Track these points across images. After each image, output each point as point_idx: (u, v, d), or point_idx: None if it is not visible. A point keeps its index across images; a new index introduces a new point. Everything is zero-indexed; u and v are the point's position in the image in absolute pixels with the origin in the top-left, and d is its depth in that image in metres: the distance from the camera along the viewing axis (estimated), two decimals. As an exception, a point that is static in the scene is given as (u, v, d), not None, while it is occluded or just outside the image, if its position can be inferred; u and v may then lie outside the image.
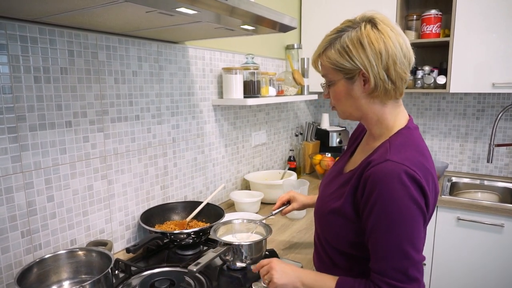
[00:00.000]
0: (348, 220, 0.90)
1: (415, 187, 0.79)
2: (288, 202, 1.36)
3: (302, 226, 1.61)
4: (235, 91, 1.69)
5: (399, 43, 0.86)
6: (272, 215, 1.33)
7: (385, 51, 0.84)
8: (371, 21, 0.88)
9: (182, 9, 0.88)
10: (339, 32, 0.89)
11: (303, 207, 1.35)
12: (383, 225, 0.81)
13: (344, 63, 0.87)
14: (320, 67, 0.95)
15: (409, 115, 0.96)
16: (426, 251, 2.06)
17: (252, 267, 1.09)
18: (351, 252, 0.94)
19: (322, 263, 1.05)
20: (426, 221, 0.85)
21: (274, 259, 1.01)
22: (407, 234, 0.80)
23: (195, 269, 1.00)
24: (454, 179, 2.37)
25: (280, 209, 1.34)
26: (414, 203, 0.79)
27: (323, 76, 0.96)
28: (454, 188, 2.34)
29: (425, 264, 1.01)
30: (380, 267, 0.82)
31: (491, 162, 2.20)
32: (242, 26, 1.14)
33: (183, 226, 1.42)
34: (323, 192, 1.05)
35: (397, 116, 0.93)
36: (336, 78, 0.91)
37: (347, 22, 0.91)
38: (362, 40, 0.85)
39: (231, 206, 1.85)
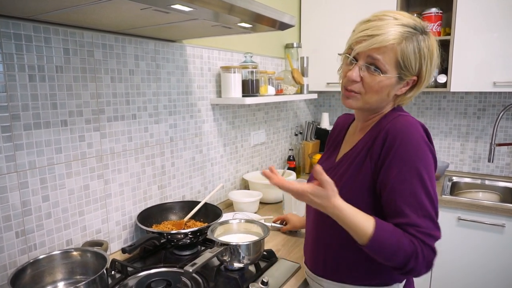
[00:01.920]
0: (368, 192, 0.88)
1: (428, 138, 0.85)
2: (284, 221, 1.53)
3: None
4: (234, 90, 1.67)
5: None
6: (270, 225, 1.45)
7: (435, 67, 0.90)
8: (430, 34, 0.89)
9: (178, 6, 0.86)
10: (413, 29, 0.86)
11: (293, 228, 1.51)
12: (407, 171, 0.81)
13: (412, 65, 0.86)
14: (381, 51, 0.86)
15: None
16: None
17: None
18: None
19: (319, 263, 1.04)
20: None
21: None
22: (430, 177, 0.82)
23: (191, 270, 0.99)
24: (455, 179, 2.35)
25: (279, 226, 1.53)
26: (430, 152, 0.84)
27: (373, 58, 0.87)
28: (455, 188, 2.32)
29: None
30: (408, 217, 0.80)
31: (492, 162, 2.19)
32: (239, 24, 1.12)
33: (180, 226, 1.41)
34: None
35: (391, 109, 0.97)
36: (391, 73, 0.87)
37: (413, 21, 0.88)
38: (432, 52, 0.88)
39: (230, 205, 1.84)
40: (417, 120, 0.87)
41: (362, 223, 0.81)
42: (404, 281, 0.97)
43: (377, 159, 0.86)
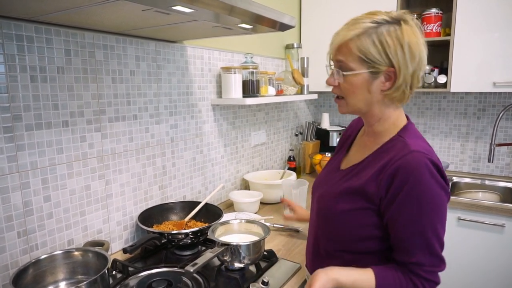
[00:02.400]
0: (370, 215, 0.88)
1: (440, 174, 0.83)
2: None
3: (300, 226, 1.60)
4: (234, 91, 1.68)
5: (425, 51, 0.87)
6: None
7: (419, 56, 0.85)
8: (407, 22, 0.85)
9: (178, 7, 0.87)
10: (376, 23, 0.84)
11: (298, 219, 1.44)
12: (417, 214, 0.82)
13: (377, 56, 0.84)
14: (341, 51, 0.88)
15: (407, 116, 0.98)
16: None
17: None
18: (359, 247, 0.91)
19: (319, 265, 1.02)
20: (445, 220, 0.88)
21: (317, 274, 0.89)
22: (441, 218, 0.84)
23: (192, 270, 0.99)
24: (455, 179, 2.36)
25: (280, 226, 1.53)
26: (442, 189, 0.83)
27: (338, 61, 0.89)
28: (455, 188, 2.33)
29: None
30: (418, 257, 0.83)
31: (492, 162, 2.19)
32: (240, 25, 1.13)
33: (181, 226, 1.41)
34: (319, 189, 1.03)
35: (399, 115, 0.94)
36: (359, 69, 0.86)
37: (383, 15, 0.86)
38: (401, 40, 0.83)
39: (230, 206, 1.84)
40: (428, 154, 0.83)
41: (364, 282, 0.86)
42: None
43: (385, 192, 0.85)
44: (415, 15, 2.24)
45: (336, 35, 0.90)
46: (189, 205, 1.52)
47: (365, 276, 0.87)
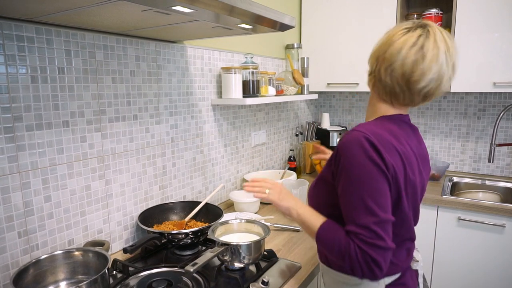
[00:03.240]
0: (328, 185, 0.96)
1: (373, 150, 0.85)
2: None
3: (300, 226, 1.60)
4: (234, 91, 1.68)
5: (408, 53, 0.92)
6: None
7: (388, 66, 0.93)
8: (427, 27, 0.94)
9: (178, 8, 0.87)
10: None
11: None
12: (348, 184, 0.87)
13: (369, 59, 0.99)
14: None
15: (407, 115, 1.00)
16: (427, 252, 2.05)
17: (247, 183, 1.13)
18: (331, 212, 0.96)
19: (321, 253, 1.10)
20: (390, 184, 0.87)
21: (279, 184, 1.08)
22: (369, 190, 0.84)
23: (192, 270, 0.99)
24: (455, 179, 2.36)
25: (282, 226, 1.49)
26: (371, 162, 0.84)
27: None
28: (455, 188, 2.33)
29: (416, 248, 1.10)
30: (350, 226, 0.86)
31: (493, 162, 2.19)
32: (240, 25, 1.13)
33: (181, 226, 1.41)
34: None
35: (385, 112, 0.98)
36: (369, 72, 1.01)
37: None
38: (379, 52, 0.96)
39: (231, 206, 1.85)
40: (365, 133, 0.87)
41: (312, 224, 0.95)
42: (387, 278, 0.96)
43: (335, 167, 0.92)
44: (415, 15, 2.26)
45: None
46: (189, 205, 1.52)
47: (314, 219, 0.96)
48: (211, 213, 1.47)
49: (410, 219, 0.95)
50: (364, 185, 0.84)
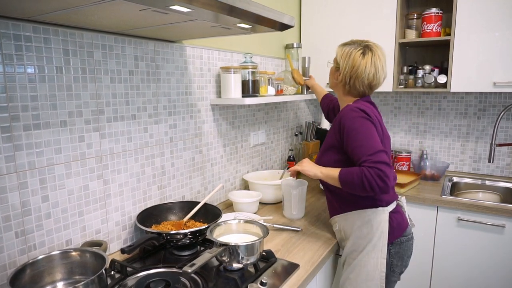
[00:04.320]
0: (336, 148, 1.35)
1: (362, 112, 1.27)
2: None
3: (299, 226, 1.60)
4: (233, 91, 1.68)
5: (369, 69, 1.35)
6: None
7: (360, 70, 1.35)
8: (369, 48, 1.36)
9: (176, 7, 0.87)
10: (351, 44, 1.40)
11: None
12: (355, 136, 1.25)
13: (338, 59, 1.41)
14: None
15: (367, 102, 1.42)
16: (427, 252, 2.05)
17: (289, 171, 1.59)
18: (341, 167, 1.30)
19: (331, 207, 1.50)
20: (377, 130, 1.27)
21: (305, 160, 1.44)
22: (369, 134, 1.23)
23: (189, 270, 0.99)
24: (455, 179, 2.35)
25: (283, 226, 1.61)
26: (364, 118, 1.26)
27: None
28: (455, 188, 2.32)
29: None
30: (362, 157, 1.21)
31: (493, 162, 2.19)
32: (239, 25, 1.13)
33: (180, 227, 1.41)
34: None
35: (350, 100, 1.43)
36: (335, 63, 1.46)
37: (359, 42, 1.40)
38: (350, 56, 1.37)
39: (230, 206, 1.84)
40: (356, 105, 1.31)
41: (333, 174, 1.30)
42: (389, 207, 1.37)
43: (339, 134, 1.31)
44: (415, 15, 2.25)
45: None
46: (188, 205, 1.51)
47: (334, 171, 1.30)
48: (210, 213, 1.46)
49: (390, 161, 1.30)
50: (366, 132, 1.24)
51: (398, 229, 1.38)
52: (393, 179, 1.33)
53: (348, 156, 1.30)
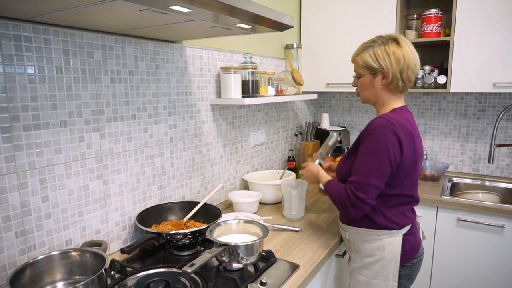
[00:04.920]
0: (352, 161, 1.29)
1: (394, 140, 1.19)
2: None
3: (299, 226, 1.60)
4: (233, 91, 1.68)
5: (411, 56, 1.25)
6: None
7: (404, 60, 1.24)
8: (396, 40, 1.26)
9: (176, 7, 0.87)
10: (373, 42, 1.28)
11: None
12: (364, 152, 1.22)
13: (373, 63, 1.26)
14: (354, 64, 1.34)
15: (405, 104, 1.34)
16: (426, 252, 2.05)
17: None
18: None
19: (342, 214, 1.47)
20: (393, 165, 1.21)
21: (309, 165, 1.53)
22: (373, 163, 1.20)
23: (189, 270, 0.99)
24: (455, 180, 2.35)
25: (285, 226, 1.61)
26: (386, 149, 1.18)
27: (355, 71, 1.34)
28: (455, 189, 2.32)
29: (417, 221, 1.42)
30: (351, 178, 1.24)
31: (492, 163, 2.18)
32: (239, 25, 1.13)
33: (180, 227, 1.41)
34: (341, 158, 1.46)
35: (396, 102, 1.31)
36: (364, 73, 1.30)
37: (380, 37, 1.29)
38: (387, 52, 1.24)
39: (229, 206, 1.84)
40: (392, 122, 1.19)
41: (322, 180, 1.42)
42: (403, 229, 1.30)
43: (358, 143, 1.28)
44: (415, 15, 2.26)
45: (352, 56, 1.35)
46: (188, 205, 1.51)
47: (326, 178, 1.42)
48: (209, 213, 1.47)
49: (416, 183, 1.32)
50: (374, 158, 1.20)
51: (411, 251, 1.32)
52: (403, 217, 1.30)
53: None
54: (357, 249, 1.35)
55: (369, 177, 1.20)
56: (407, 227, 1.31)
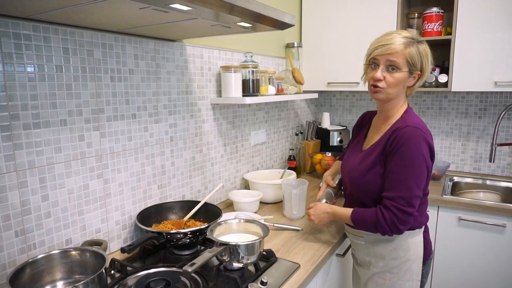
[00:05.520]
0: (378, 171, 1.26)
1: (427, 148, 1.19)
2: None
3: (299, 226, 1.60)
4: (234, 90, 1.67)
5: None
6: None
7: (431, 64, 1.26)
8: (423, 42, 1.24)
9: (176, 5, 0.86)
10: (412, 39, 1.21)
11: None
12: (402, 165, 1.18)
13: (417, 62, 1.21)
14: (395, 55, 1.20)
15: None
16: (427, 252, 2.04)
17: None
18: (375, 196, 1.27)
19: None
20: (429, 172, 1.22)
21: (317, 205, 1.41)
22: (414, 174, 1.18)
23: (190, 270, 0.99)
24: (456, 179, 2.35)
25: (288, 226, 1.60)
26: (423, 158, 1.18)
27: (390, 61, 1.20)
28: (456, 188, 2.32)
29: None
30: (391, 194, 1.19)
31: (494, 162, 2.18)
32: (239, 24, 1.12)
33: (180, 226, 1.40)
34: (348, 165, 1.39)
35: (404, 104, 1.31)
36: (404, 69, 1.21)
37: (411, 34, 1.23)
38: (427, 53, 1.23)
39: (230, 205, 1.84)
40: (422, 130, 1.20)
41: (345, 214, 1.32)
42: (423, 227, 1.33)
43: (388, 152, 1.22)
44: (416, 14, 2.25)
45: (387, 43, 1.21)
46: (188, 205, 1.51)
47: (346, 211, 1.32)
48: (210, 212, 1.46)
49: (428, 183, 1.30)
50: (413, 171, 1.17)
51: (429, 248, 1.37)
52: (423, 218, 1.32)
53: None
54: (379, 253, 1.32)
55: (412, 190, 1.17)
56: (424, 226, 1.35)
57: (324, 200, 1.45)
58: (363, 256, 1.39)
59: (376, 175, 1.26)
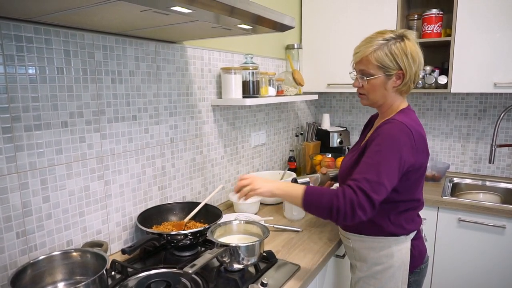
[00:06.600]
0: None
1: (407, 142, 1.11)
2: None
3: (300, 227, 1.60)
4: (234, 91, 1.68)
5: (422, 55, 1.20)
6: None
7: (418, 60, 1.18)
8: (407, 37, 1.17)
9: (177, 8, 0.87)
10: (386, 40, 1.15)
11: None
12: (374, 151, 1.11)
13: (390, 63, 1.15)
14: (363, 63, 1.19)
15: (408, 104, 1.29)
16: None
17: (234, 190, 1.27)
18: None
19: None
20: (400, 168, 1.10)
21: (253, 175, 1.23)
22: (384, 161, 1.08)
23: (190, 271, 0.99)
24: (455, 180, 2.35)
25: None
26: (397, 150, 1.09)
27: (361, 70, 1.20)
28: (456, 189, 2.32)
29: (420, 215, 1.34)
30: (357, 176, 1.09)
31: (493, 163, 2.18)
32: (239, 26, 1.13)
33: (180, 227, 1.41)
34: (342, 163, 1.36)
35: (402, 102, 1.26)
36: (377, 74, 1.17)
37: (390, 33, 1.17)
38: (405, 50, 1.15)
39: (230, 206, 1.84)
40: (404, 123, 1.13)
41: (296, 192, 1.14)
42: (411, 234, 1.25)
43: (368, 145, 1.16)
44: (416, 16, 2.25)
45: (357, 51, 1.20)
46: (188, 206, 1.51)
47: (297, 187, 1.15)
48: (210, 214, 1.46)
49: (422, 186, 1.26)
50: (386, 156, 1.08)
51: (419, 257, 1.29)
52: (411, 222, 1.24)
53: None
54: (363, 258, 1.29)
55: (380, 175, 1.06)
56: (414, 232, 1.27)
57: (305, 180, 1.43)
58: (351, 259, 1.38)
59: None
